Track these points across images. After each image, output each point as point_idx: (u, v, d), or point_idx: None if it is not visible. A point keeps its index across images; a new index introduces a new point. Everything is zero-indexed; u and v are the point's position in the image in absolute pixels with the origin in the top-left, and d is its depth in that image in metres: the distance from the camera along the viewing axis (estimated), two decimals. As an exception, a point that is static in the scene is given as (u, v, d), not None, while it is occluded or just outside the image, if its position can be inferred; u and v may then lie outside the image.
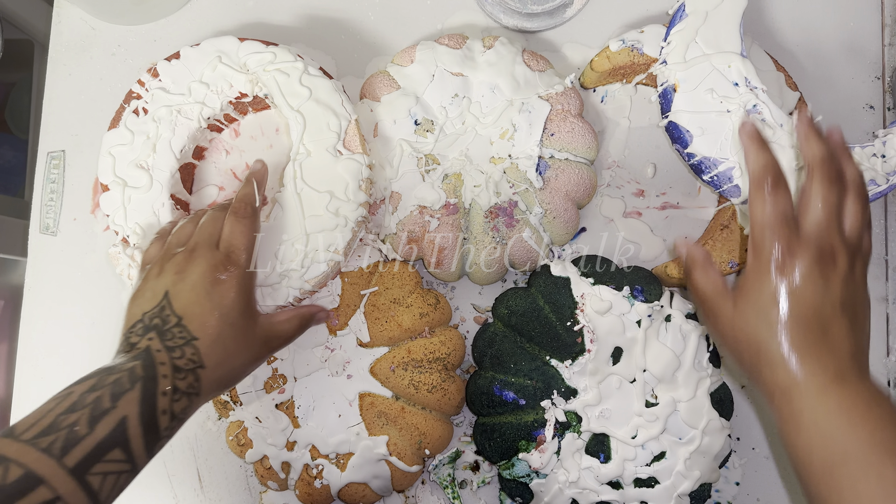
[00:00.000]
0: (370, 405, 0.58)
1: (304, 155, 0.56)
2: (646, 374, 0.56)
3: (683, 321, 0.57)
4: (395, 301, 0.59)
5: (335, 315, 0.59)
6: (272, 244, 0.56)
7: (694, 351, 0.56)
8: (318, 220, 0.56)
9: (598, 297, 0.57)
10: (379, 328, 0.59)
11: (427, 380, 0.58)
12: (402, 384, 0.58)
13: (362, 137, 0.58)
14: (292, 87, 0.57)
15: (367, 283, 0.60)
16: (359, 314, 0.59)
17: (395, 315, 0.59)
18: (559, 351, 0.57)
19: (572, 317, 0.57)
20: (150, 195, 0.58)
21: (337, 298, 0.59)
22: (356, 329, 0.59)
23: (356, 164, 0.56)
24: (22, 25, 0.95)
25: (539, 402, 0.57)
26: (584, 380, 0.56)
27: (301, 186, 0.56)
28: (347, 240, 0.56)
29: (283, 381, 0.59)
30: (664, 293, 0.59)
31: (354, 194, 0.56)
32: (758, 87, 0.56)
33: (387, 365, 0.58)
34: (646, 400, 0.56)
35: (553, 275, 0.59)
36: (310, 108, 0.57)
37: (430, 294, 0.60)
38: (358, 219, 0.57)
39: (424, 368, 0.58)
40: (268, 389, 0.59)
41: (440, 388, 0.58)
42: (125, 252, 0.58)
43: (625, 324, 0.56)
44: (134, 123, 0.61)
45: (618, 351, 0.57)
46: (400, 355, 0.58)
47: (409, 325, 0.58)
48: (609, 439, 0.56)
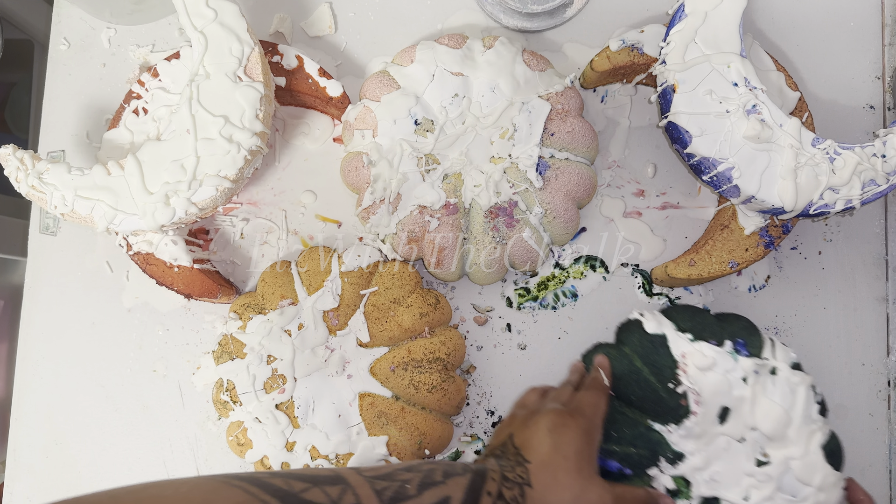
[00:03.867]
0: (370, 405, 0.58)
1: (202, 77, 0.56)
2: (755, 432, 0.54)
3: (790, 373, 0.55)
4: (396, 301, 0.59)
5: (335, 315, 0.59)
6: (163, 162, 0.56)
7: (803, 404, 0.54)
8: (211, 144, 0.56)
9: (700, 354, 0.55)
10: (379, 328, 0.59)
11: (427, 380, 0.58)
12: (402, 384, 0.58)
13: (265, 66, 0.58)
14: (198, 7, 0.57)
15: (367, 283, 0.60)
16: (359, 314, 0.59)
17: (396, 315, 0.59)
18: (662, 415, 0.55)
19: (674, 377, 0.55)
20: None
21: (337, 298, 0.59)
22: (356, 329, 0.59)
23: (255, 92, 0.56)
24: (22, 25, 0.95)
25: (645, 471, 0.55)
26: (690, 443, 0.54)
27: (196, 108, 0.56)
28: (239, 167, 0.56)
29: (282, 381, 0.59)
30: (765, 343, 0.57)
31: (250, 122, 0.56)
32: (757, 88, 0.56)
33: (387, 365, 0.58)
34: (756, 459, 0.54)
35: (648, 332, 0.57)
36: (213, 31, 0.56)
37: (430, 294, 0.60)
38: (252, 147, 0.56)
39: (424, 368, 0.58)
40: (267, 389, 0.59)
41: (440, 388, 0.58)
42: (14, 155, 0.57)
43: (731, 382, 0.54)
44: (134, 123, 0.61)
45: (724, 410, 0.55)
46: (400, 355, 0.58)
47: (410, 325, 0.58)
48: (720, 503, 0.54)
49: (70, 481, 0.66)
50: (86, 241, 0.67)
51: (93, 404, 0.66)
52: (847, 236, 0.66)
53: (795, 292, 0.65)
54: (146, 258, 0.62)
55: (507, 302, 0.65)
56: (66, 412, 0.66)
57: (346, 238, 0.66)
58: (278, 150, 0.67)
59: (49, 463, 0.66)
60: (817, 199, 0.55)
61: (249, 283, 0.66)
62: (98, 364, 0.66)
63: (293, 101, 0.66)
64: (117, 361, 0.66)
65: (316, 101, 0.64)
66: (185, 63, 0.61)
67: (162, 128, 0.60)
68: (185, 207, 0.56)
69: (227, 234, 0.66)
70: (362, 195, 0.60)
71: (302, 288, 0.60)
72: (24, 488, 0.66)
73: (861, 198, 0.55)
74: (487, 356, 0.65)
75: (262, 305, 0.61)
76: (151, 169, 0.56)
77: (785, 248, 0.65)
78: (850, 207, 0.56)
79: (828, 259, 0.65)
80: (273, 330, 0.59)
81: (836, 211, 0.56)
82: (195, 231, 0.65)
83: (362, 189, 0.61)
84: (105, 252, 0.67)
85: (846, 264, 0.65)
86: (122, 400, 0.66)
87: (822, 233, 0.66)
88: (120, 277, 0.67)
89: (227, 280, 0.65)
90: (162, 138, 0.58)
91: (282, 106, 0.67)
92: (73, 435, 0.66)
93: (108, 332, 0.66)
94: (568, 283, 0.65)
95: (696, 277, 0.60)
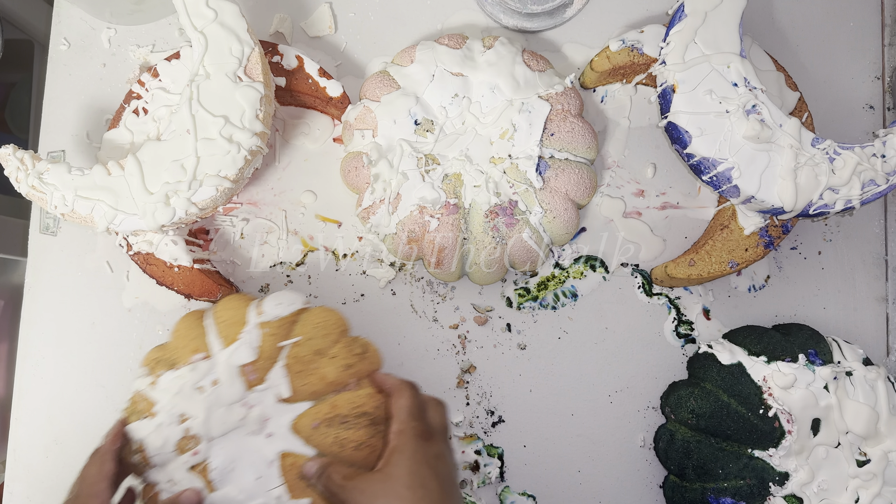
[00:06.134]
0: (292, 465, 0.52)
1: (202, 77, 0.56)
2: (849, 435, 0.56)
3: (865, 370, 0.57)
4: (319, 352, 0.54)
5: (253, 369, 0.54)
6: (164, 162, 0.56)
7: (886, 396, 0.56)
8: (211, 144, 0.56)
9: (780, 374, 0.56)
10: (301, 382, 0.54)
11: (353, 436, 0.52)
12: (326, 442, 0.52)
13: (265, 67, 0.58)
14: (198, 7, 0.57)
15: (289, 332, 0.55)
16: (279, 367, 0.54)
17: (319, 367, 0.54)
18: (760, 441, 0.56)
19: (762, 403, 0.57)
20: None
21: (255, 350, 0.54)
22: (276, 383, 0.54)
23: (255, 92, 0.56)
24: (22, 25, 0.94)
25: (757, 499, 0.56)
26: (792, 461, 0.56)
27: (196, 108, 0.56)
28: (239, 167, 0.56)
29: (196, 441, 0.53)
30: (832, 346, 0.59)
31: (250, 122, 0.56)
32: (757, 88, 0.56)
33: (309, 421, 0.53)
34: (856, 460, 0.56)
35: (724, 364, 0.58)
36: (213, 31, 0.56)
37: (356, 343, 0.55)
38: (252, 147, 0.56)
39: (350, 424, 0.53)
40: (180, 450, 0.54)
41: (367, 444, 0.52)
42: (14, 155, 0.57)
43: (815, 393, 0.56)
44: (134, 123, 0.61)
45: (815, 422, 0.57)
46: (324, 410, 0.53)
47: (334, 378, 0.53)
48: None
49: (70, 481, 0.66)
50: (86, 241, 0.67)
51: (93, 404, 0.66)
52: (847, 236, 0.66)
53: (795, 292, 0.65)
54: (146, 258, 0.62)
55: (507, 302, 0.65)
56: (66, 412, 0.66)
57: (347, 238, 0.66)
58: (278, 150, 0.67)
59: (49, 463, 0.66)
60: (817, 199, 0.55)
61: (249, 284, 0.66)
62: (98, 364, 0.66)
63: (293, 101, 0.66)
64: (117, 361, 0.66)
65: (316, 101, 0.64)
66: (185, 63, 0.61)
67: (162, 128, 0.60)
68: (186, 207, 0.56)
69: (227, 234, 0.66)
70: (362, 195, 0.60)
71: (217, 340, 0.55)
72: (24, 488, 0.66)
73: (861, 198, 0.55)
74: (487, 356, 0.65)
75: (173, 360, 0.55)
76: (151, 169, 0.56)
77: (785, 248, 0.65)
78: (849, 207, 0.56)
79: (827, 259, 0.65)
80: (185, 387, 0.54)
81: (835, 211, 0.56)
82: (195, 231, 0.65)
83: (362, 189, 0.61)
84: (105, 252, 0.67)
85: (846, 264, 0.65)
86: (122, 400, 0.66)
87: (821, 233, 0.66)
88: (120, 277, 0.67)
89: (227, 280, 0.65)
90: (162, 138, 0.58)
91: (282, 106, 0.67)
92: (73, 435, 0.66)
93: (108, 332, 0.66)
94: (568, 283, 0.65)
95: (696, 277, 0.60)
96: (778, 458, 0.56)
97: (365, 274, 0.65)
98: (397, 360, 0.65)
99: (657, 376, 0.64)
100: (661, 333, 0.65)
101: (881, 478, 0.55)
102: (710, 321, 0.65)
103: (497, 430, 0.64)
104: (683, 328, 0.64)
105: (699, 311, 0.65)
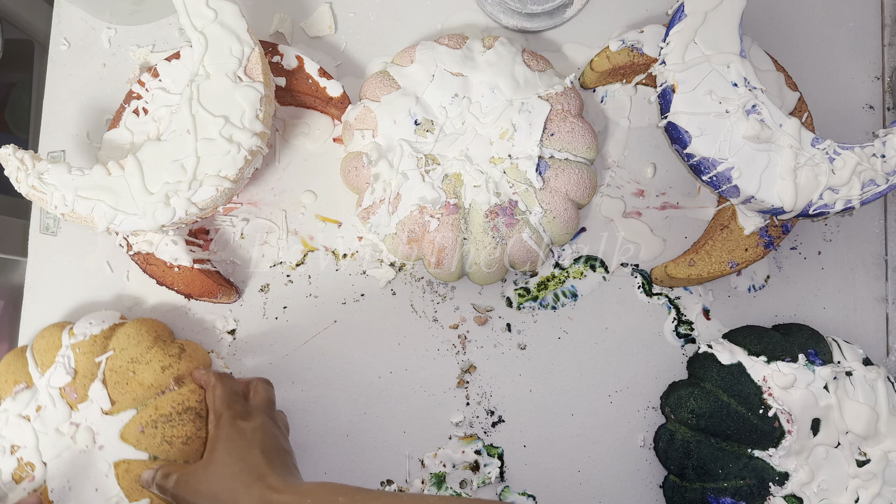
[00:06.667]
0: (126, 472, 0.56)
1: (202, 77, 0.56)
2: (848, 434, 0.56)
3: (865, 370, 0.57)
4: (133, 360, 0.57)
5: (72, 389, 0.57)
6: (164, 162, 0.56)
7: (886, 396, 0.57)
8: (211, 144, 0.56)
9: (780, 374, 0.57)
10: (121, 392, 0.57)
11: (180, 433, 0.56)
12: (154, 443, 0.56)
13: (265, 67, 0.58)
14: (198, 7, 0.57)
15: (103, 349, 0.58)
16: (97, 382, 0.57)
17: (136, 374, 0.57)
18: (760, 441, 0.57)
19: (762, 403, 0.57)
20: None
21: (71, 371, 0.57)
22: (97, 398, 0.57)
23: (255, 93, 0.56)
24: (22, 25, 0.94)
25: (757, 499, 0.56)
26: (792, 461, 0.56)
27: (196, 108, 0.56)
28: (239, 167, 0.56)
29: (31, 468, 0.56)
30: (831, 346, 0.59)
31: (250, 122, 0.56)
32: (757, 88, 0.56)
33: (135, 427, 0.56)
34: (856, 460, 0.56)
35: (724, 364, 0.58)
36: (213, 31, 0.56)
37: (172, 346, 0.59)
38: (252, 148, 0.56)
39: (175, 421, 0.56)
40: (17, 480, 0.56)
41: (196, 437, 0.56)
42: (14, 155, 0.57)
43: (815, 393, 0.56)
44: (134, 123, 0.61)
45: (815, 422, 0.57)
46: (147, 414, 0.56)
47: (153, 382, 0.57)
48: None
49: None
50: (86, 241, 0.67)
51: (93, 404, 0.66)
52: (847, 236, 0.66)
53: (795, 292, 0.65)
54: (146, 258, 0.62)
55: (507, 302, 0.65)
56: (67, 412, 0.66)
57: (347, 238, 0.66)
58: (278, 150, 0.67)
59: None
60: (817, 199, 0.55)
61: (249, 284, 0.66)
62: (98, 364, 0.66)
63: (293, 101, 0.66)
64: (117, 361, 0.66)
65: (316, 101, 0.64)
66: (185, 63, 0.61)
67: (162, 128, 0.60)
68: (186, 207, 0.56)
69: (227, 234, 0.66)
70: (362, 195, 0.60)
71: (35, 368, 0.58)
72: (24, 488, 0.66)
73: (861, 198, 0.55)
74: (487, 356, 0.65)
75: None
76: (151, 169, 0.56)
77: (784, 248, 0.65)
78: (849, 207, 0.56)
79: (827, 259, 0.65)
80: (10, 418, 0.57)
81: (835, 211, 0.56)
82: (195, 231, 0.65)
83: (362, 189, 0.61)
84: (105, 252, 0.67)
85: (846, 264, 0.65)
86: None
87: (821, 233, 0.66)
88: (120, 277, 0.67)
89: (227, 280, 0.65)
90: (162, 138, 0.58)
91: (282, 106, 0.67)
92: (73, 435, 0.66)
93: (108, 332, 0.66)
94: (568, 283, 0.65)
95: (696, 277, 0.60)
96: (778, 458, 0.56)
97: (365, 274, 0.66)
98: (397, 360, 0.65)
99: (657, 376, 0.64)
100: (661, 333, 0.65)
101: (881, 478, 0.55)
102: (709, 321, 0.65)
103: (497, 430, 0.64)
104: (683, 328, 0.64)
105: (699, 311, 0.65)
